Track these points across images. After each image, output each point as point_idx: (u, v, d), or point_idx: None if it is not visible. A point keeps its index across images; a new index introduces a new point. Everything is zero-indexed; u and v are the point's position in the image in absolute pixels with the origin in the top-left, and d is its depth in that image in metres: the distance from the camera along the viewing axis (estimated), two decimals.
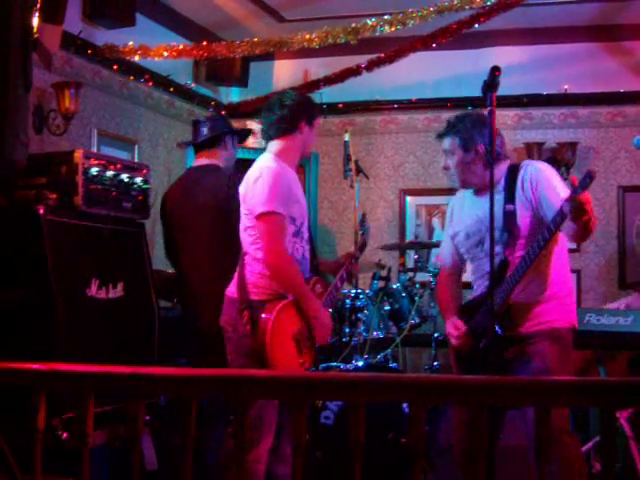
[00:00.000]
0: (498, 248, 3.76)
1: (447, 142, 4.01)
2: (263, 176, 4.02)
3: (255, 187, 4.02)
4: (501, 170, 3.92)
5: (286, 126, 4.17)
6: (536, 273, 3.79)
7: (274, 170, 4.04)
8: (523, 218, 3.81)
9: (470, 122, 3.96)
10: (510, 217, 3.82)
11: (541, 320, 3.81)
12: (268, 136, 4.22)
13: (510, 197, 3.85)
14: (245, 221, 4.13)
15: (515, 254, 3.80)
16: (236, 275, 4.15)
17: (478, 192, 4.01)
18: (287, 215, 4.01)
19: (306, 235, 4.20)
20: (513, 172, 3.91)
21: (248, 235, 4.10)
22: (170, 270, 5.37)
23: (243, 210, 4.14)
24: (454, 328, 3.98)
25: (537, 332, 3.79)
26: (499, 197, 3.82)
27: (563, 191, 3.65)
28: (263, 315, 3.93)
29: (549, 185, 3.77)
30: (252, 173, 4.10)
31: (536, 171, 3.86)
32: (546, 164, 3.98)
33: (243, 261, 4.11)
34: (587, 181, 3.32)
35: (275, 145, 4.19)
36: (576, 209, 3.35)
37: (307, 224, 4.23)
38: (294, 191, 4.11)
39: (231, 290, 4.15)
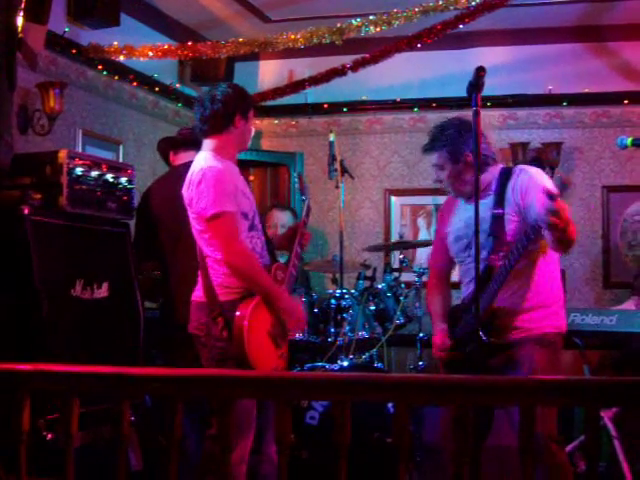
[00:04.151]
0: (484, 253, 3.71)
1: (435, 156, 3.92)
2: (206, 177, 3.90)
3: (200, 190, 3.91)
4: (492, 174, 3.87)
5: (220, 123, 4.03)
6: (523, 281, 3.75)
7: (216, 169, 3.93)
8: (511, 223, 3.75)
9: (455, 131, 3.87)
10: (498, 221, 3.76)
11: (528, 326, 3.75)
12: (202, 132, 4.09)
13: (500, 201, 3.79)
14: (195, 225, 4.02)
15: (500, 260, 3.73)
16: (200, 280, 4.04)
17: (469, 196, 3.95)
18: (238, 212, 3.92)
19: (260, 226, 4.13)
20: (505, 176, 3.85)
21: (202, 239, 4.00)
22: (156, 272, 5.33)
23: (191, 214, 4.03)
24: (440, 342, 3.95)
25: (524, 338, 3.74)
26: (488, 201, 3.79)
27: None
28: (237, 313, 3.85)
29: (538, 192, 3.64)
30: (194, 174, 3.98)
31: (527, 177, 3.79)
32: (539, 170, 3.88)
33: (205, 264, 4.00)
34: (561, 187, 3.27)
35: (211, 142, 4.06)
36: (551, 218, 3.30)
37: (258, 216, 4.14)
38: (240, 187, 4.01)
39: (197, 295, 4.05)
